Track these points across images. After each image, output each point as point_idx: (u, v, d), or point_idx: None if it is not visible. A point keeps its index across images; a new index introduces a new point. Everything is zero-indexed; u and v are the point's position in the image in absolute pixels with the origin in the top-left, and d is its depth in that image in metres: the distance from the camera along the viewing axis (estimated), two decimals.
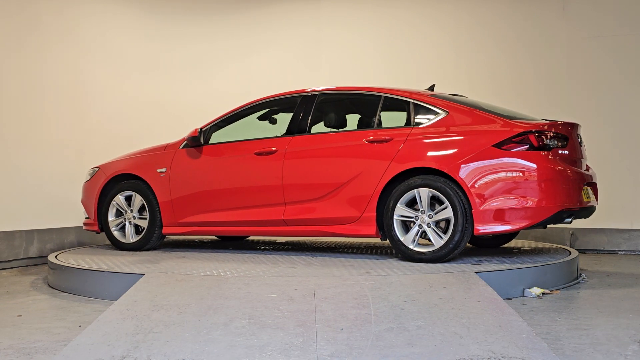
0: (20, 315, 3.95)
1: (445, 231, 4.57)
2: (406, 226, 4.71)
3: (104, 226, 5.71)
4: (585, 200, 4.73)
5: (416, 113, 4.90)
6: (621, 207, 6.91)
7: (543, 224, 4.60)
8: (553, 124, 4.74)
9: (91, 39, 7.24)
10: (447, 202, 4.52)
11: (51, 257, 5.23)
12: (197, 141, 5.43)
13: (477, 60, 7.52)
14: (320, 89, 5.37)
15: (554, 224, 4.67)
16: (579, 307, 4.09)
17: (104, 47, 7.34)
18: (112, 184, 5.73)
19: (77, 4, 7.14)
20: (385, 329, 3.00)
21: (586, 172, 4.89)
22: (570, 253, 5.18)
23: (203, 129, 5.47)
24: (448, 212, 4.52)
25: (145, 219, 5.53)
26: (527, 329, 3.02)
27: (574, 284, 4.82)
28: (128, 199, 5.62)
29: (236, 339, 2.90)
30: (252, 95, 6.04)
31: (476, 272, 4.13)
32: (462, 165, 4.54)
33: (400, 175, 4.72)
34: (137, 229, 5.60)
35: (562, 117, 7.08)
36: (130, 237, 5.58)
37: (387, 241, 4.85)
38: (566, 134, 4.74)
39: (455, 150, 4.61)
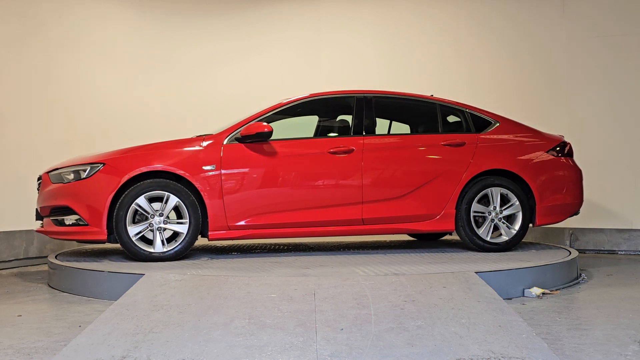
0: (20, 315, 3.95)
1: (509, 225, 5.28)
2: (475, 221, 5.23)
3: (118, 235, 4.76)
4: None
5: (473, 121, 5.46)
6: (621, 207, 6.92)
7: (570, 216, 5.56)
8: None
9: (92, 40, 7.25)
10: (515, 199, 5.22)
11: (51, 257, 5.23)
12: (267, 136, 4.95)
13: (477, 60, 7.52)
14: (371, 91, 5.47)
15: (573, 216, 5.59)
16: (579, 307, 4.09)
17: (105, 49, 7.35)
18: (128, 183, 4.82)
19: (78, 5, 7.15)
20: (385, 329, 3.00)
21: None
22: (570, 253, 5.19)
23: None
24: (517, 208, 5.23)
25: (183, 223, 4.82)
26: (527, 329, 3.02)
27: (574, 284, 4.82)
28: (151, 201, 4.81)
29: (236, 339, 2.90)
30: (251, 95, 6.05)
31: (476, 272, 4.12)
32: (529, 168, 5.30)
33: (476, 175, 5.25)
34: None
35: (563, 117, 7.11)
36: (161, 245, 4.81)
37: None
38: None
39: (520, 154, 5.33)
